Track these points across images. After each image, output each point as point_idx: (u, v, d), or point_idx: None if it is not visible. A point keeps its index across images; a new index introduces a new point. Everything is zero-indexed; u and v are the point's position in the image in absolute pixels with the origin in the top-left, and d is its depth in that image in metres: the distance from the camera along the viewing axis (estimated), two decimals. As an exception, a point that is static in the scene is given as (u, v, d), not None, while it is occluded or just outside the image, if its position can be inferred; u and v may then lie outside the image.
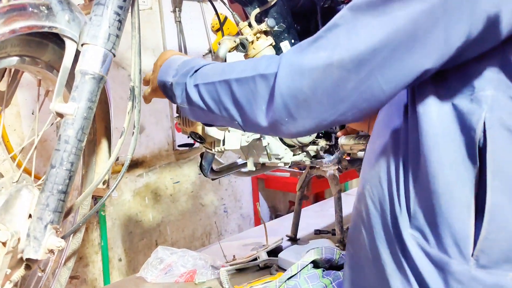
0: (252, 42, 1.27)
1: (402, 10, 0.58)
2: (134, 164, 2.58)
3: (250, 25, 1.28)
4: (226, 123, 0.84)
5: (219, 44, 1.25)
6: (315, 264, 1.30)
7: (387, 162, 0.70)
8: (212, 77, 0.80)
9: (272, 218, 3.33)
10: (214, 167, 1.59)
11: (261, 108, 0.72)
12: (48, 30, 0.83)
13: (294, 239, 1.81)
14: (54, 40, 0.92)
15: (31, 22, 0.80)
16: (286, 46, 1.32)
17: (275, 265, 1.53)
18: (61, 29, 0.85)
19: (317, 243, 1.59)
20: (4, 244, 0.80)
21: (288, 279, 1.25)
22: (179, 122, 1.33)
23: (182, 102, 0.86)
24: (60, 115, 0.84)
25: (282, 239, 1.69)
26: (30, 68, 0.94)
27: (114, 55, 0.87)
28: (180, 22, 1.47)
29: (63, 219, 0.88)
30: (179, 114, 1.33)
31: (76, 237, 1.17)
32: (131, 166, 2.57)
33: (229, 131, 1.32)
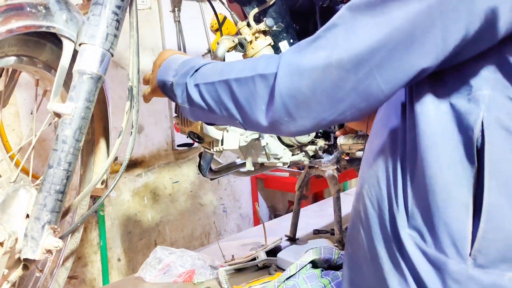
0: (250, 42, 1.27)
1: (400, 10, 0.58)
2: (133, 164, 2.58)
3: (248, 24, 1.27)
4: (227, 122, 0.84)
5: (218, 44, 1.25)
6: (314, 264, 1.30)
7: (385, 162, 0.70)
8: (212, 77, 0.80)
9: (271, 218, 3.33)
10: (213, 167, 1.59)
11: (260, 108, 0.72)
12: (45, 30, 0.83)
13: (293, 239, 1.81)
14: (52, 40, 0.92)
15: (29, 21, 0.80)
16: (284, 46, 1.32)
17: (274, 265, 1.53)
18: (58, 28, 0.85)
19: (316, 243, 1.59)
20: (1, 244, 0.79)
21: (286, 279, 1.25)
22: (178, 122, 1.33)
23: (182, 102, 0.86)
24: (57, 115, 0.84)
25: (281, 239, 1.68)
26: (28, 68, 0.94)
27: (112, 55, 0.87)
28: (179, 21, 1.46)
29: (61, 219, 0.88)
30: (178, 114, 1.33)
31: (74, 237, 1.17)
32: (130, 166, 2.57)
33: (227, 131, 1.32)
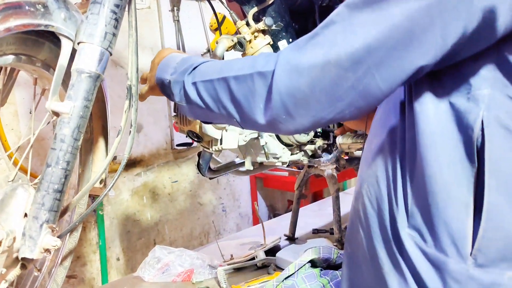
0: (249, 41, 1.26)
1: (398, 7, 0.58)
2: (132, 163, 2.58)
3: (248, 24, 1.27)
4: (225, 121, 0.84)
5: (217, 43, 1.25)
6: (313, 263, 1.30)
7: (384, 161, 0.70)
8: (210, 74, 0.79)
9: (270, 217, 3.33)
10: (212, 166, 1.58)
11: (259, 106, 0.72)
12: (44, 28, 0.83)
13: (292, 239, 1.81)
14: (51, 38, 0.92)
15: (27, 20, 0.80)
16: (284, 45, 1.32)
17: (273, 264, 1.53)
18: (57, 27, 0.85)
19: (315, 243, 1.59)
20: (-1, 243, 0.79)
21: (285, 279, 1.25)
22: (177, 121, 1.32)
23: (180, 100, 0.86)
24: (56, 114, 0.83)
25: (280, 239, 1.68)
26: (26, 66, 0.94)
27: (111, 54, 0.87)
28: (178, 21, 1.46)
29: (59, 218, 0.88)
30: (177, 113, 1.32)
31: (72, 236, 1.17)
32: (129, 165, 2.56)
33: (226, 130, 1.32)
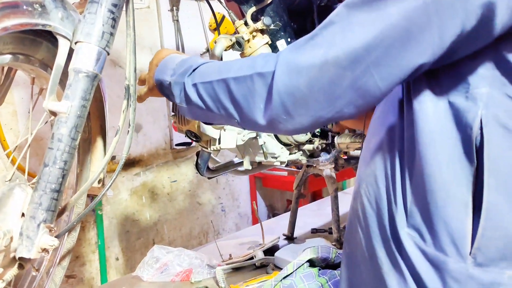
0: (248, 41, 1.26)
1: (396, 6, 0.58)
2: (131, 163, 2.58)
3: (246, 23, 1.27)
4: (225, 122, 0.84)
5: (215, 42, 1.25)
6: (311, 263, 1.30)
7: (383, 160, 0.69)
8: (209, 76, 0.80)
9: (269, 217, 3.33)
10: (211, 166, 1.58)
11: (259, 106, 0.72)
12: (41, 28, 0.83)
13: (290, 238, 1.81)
14: (48, 38, 0.92)
15: (24, 19, 0.80)
16: (282, 44, 1.32)
17: (272, 264, 1.53)
18: (54, 27, 0.84)
19: (313, 242, 1.59)
20: (-4, 243, 0.79)
21: (283, 278, 1.25)
22: (175, 121, 1.32)
23: (180, 101, 0.86)
24: (53, 113, 0.83)
25: (279, 238, 1.68)
26: (24, 66, 0.93)
27: (108, 53, 0.87)
28: (177, 21, 1.45)
29: (57, 218, 0.88)
30: (175, 113, 1.32)
31: (71, 236, 1.16)
32: (128, 165, 2.56)
33: (224, 130, 1.32)
